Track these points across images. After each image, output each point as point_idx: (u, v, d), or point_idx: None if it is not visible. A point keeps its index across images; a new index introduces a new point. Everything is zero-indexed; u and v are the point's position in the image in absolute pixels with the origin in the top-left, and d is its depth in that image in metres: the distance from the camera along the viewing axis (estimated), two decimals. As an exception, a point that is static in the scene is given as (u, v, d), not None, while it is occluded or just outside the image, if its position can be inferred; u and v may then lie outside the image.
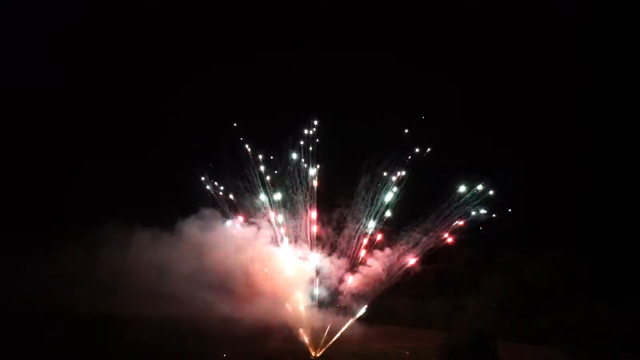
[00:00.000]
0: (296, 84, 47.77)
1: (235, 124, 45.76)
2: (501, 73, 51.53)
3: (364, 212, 44.96)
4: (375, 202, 44.84)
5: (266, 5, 53.00)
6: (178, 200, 47.65)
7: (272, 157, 45.62)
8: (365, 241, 45.01)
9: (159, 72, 52.92)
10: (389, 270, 44.66)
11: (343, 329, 44.08)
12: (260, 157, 45.78)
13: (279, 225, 45.65)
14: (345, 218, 45.59)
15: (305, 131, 45.16)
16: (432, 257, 45.81)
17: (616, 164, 49.68)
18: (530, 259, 49.84)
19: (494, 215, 43.71)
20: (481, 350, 39.22)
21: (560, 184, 49.96)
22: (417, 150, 44.71)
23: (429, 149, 44.71)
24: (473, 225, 44.51)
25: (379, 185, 44.71)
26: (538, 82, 51.46)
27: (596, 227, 48.33)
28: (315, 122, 44.97)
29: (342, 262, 45.22)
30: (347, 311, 44.66)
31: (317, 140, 45.13)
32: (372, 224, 44.83)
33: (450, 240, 44.22)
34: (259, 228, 45.91)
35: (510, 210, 44.14)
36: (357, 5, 53.13)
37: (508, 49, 51.62)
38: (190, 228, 46.45)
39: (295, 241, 45.62)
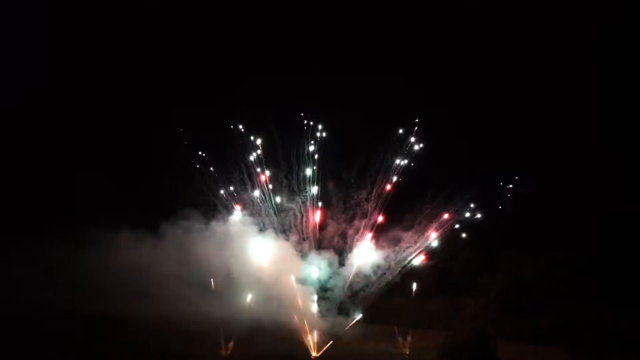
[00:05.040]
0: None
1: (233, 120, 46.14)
2: (503, 73, 51.47)
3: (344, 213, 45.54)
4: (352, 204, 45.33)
5: (264, 11, 52.90)
6: (165, 202, 47.58)
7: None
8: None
9: (154, 70, 52.78)
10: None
11: (343, 329, 44.09)
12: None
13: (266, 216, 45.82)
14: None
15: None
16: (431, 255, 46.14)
17: (616, 164, 49.65)
18: (530, 259, 49.77)
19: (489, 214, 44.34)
20: (481, 350, 39.22)
21: (561, 183, 49.93)
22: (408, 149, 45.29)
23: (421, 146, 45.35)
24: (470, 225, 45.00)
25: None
26: (539, 83, 51.45)
27: (596, 227, 48.29)
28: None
29: (332, 256, 45.31)
30: (346, 311, 44.76)
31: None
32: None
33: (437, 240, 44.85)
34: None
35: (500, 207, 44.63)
36: (357, 7, 53.11)
37: (508, 48, 51.58)
38: (176, 229, 46.39)
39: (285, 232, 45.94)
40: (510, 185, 45.55)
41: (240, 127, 46.67)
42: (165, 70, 52.68)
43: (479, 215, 45.15)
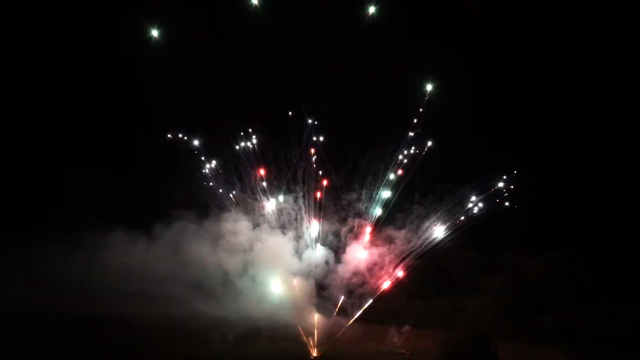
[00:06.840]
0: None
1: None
2: (501, 73, 51.32)
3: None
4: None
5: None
6: (158, 202, 47.54)
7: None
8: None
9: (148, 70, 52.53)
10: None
11: (343, 329, 44.05)
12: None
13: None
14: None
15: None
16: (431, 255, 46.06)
17: (616, 164, 49.68)
18: (530, 259, 49.84)
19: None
20: (481, 350, 39.26)
21: (560, 184, 49.95)
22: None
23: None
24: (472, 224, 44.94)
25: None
26: (539, 82, 51.42)
27: (596, 227, 48.31)
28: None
29: (329, 253, 45.26)
30: (346, 310, 44.70)
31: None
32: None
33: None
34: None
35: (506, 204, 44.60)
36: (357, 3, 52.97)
37: (509, 48, 51.54)
38: (170, 229, 46.24)
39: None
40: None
41: (232, 125, 46.32)
42: (161, 70, 52.56)
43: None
